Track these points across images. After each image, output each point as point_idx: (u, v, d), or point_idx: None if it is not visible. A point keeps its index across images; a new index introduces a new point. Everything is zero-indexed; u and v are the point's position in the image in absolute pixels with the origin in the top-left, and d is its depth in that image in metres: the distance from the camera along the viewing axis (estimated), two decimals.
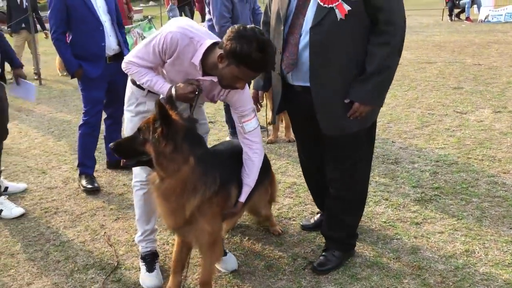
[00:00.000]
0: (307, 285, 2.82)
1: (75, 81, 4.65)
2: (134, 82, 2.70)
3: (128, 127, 2.79)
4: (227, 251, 3.07)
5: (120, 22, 4.42)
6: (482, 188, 3.87)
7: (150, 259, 2.93)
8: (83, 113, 4.41)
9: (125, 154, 2.36)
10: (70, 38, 4.18)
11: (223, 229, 2.73)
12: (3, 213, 3.87)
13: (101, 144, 4.88)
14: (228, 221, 2.86)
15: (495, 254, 2.99)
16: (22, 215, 3.90)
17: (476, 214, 3.48)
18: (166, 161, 2.25)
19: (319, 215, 3.44)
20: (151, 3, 35.91)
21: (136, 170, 2.80)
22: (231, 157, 2.75)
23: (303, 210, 3.71)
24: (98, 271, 3.08)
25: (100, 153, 5.32)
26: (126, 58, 2.56)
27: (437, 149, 4.79)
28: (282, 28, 2.62)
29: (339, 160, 2.82)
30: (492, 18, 16.72)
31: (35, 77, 9.82)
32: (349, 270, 2.93)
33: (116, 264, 3.13)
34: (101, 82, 4.25)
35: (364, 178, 2.97)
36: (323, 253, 3.01)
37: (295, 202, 3.87)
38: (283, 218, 3.61)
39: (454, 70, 8.33)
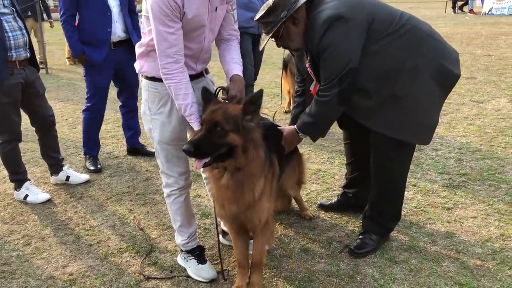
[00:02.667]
0: (346, 268, 2.81)
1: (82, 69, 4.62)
2: (151, 78, 2.50)
3: (165, 130, 2.53)
4: None
5: (132, 8, 4.39)
6: (509, 174, 3.87)
7: (199, 252, 2.85)
8: (86, 98, 4.45)
9: (206, 152, 2.18)
10: (78, 22, 4.16)
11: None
12: (28, 198, 3.84)
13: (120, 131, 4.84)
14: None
15: None
16: (47, 201, 3.86)
17: (506, 199, 3.48)
18: (252, 146, 2.23)
19: (337, 198, 3.47)
20: None
21: (171, 179, 2.68)
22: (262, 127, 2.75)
23: (331, 196, 3.69)
24: (133, 254, 3.06)
25: (118, 140, 5.29)
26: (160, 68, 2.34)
27: (458, 137, 4.78)
28: None
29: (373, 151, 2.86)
30: (496, 11, 16.74)
31: (41, 66, 9.72)
32: (387, 254, 2.93)
33: (150, 248, 3.11)
34: (105, 69, 4.25)
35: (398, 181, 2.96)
36: (360, 236, 3.01)
37: (322, 188, 3.86)
38: (312, 203, 3.60)
39: (465, 61, 8.32)
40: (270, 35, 2.61)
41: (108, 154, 4.90)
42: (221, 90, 2.41)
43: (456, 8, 17.01)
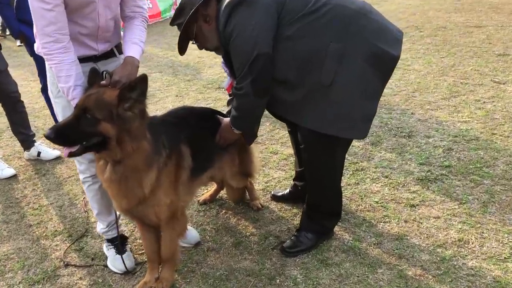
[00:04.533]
0: (270, 268, 2.58)
1: None
2: None
3: (67, 115, 2.26)
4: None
5: None
6: (499, 169, 3.41)
7: (119, 242, 2.72)
8: (38, 77, 4.38)
9: (70, 141, 2.00)
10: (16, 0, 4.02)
11: (183, 200, 2.49)
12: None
13: None
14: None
15: (491, 246, 2.61)
16: (13, 176, 3.89)
17: (483, 198, 3.06)
18: (129, 138, 2.02)
19: (289, 189, 3.20)
20: None
21: (82, 166, 2.56)
22: (173, 117, 2.54)
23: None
24: (65, 238, 2.99)
25: None
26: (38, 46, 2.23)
27: (459, 123, 4.29)
28: None
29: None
30: None
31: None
32: (321, 254, 2.66)
33: (84, 232, 3.03)
34: None
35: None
36: (295, 233, 2.75)
37: (286, 175, 3.59)
38: (268, 192, 3.36)
39: (505, 35, 7.49)
40: (185, 37, 2.40)
41: None
42: (106, 74, 2.20)
43: None
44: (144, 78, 2.02)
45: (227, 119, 2.62)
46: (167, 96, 5.79)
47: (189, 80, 6.36)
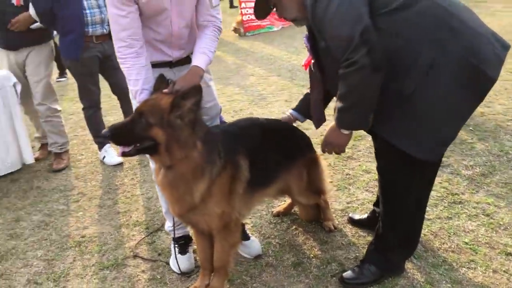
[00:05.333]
0: None
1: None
2: None
3: None
4: (250, 235, 2.84)
5: None
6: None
7: (184, 242, 2.79)
8: None
9: (124, 141, 2.10)
10: None
11: (238, 212, 2.46)
12: (105, 159, 4.28)
13: None
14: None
15: None
16: (119, 164, 4.24)
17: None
18: (177, 146, 2.06)
19: (368, 213, 2.95)
20: None
21: (153, 165, 2.54)
22: (236, 128, 2.50)
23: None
24: (142, 230, 3.17)
25: None
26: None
27: None
28: None
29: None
30: None
31: None
32: None
33: (160, 226, 3.17)
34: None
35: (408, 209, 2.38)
36: (358, 264, 2.54)
37: (372, 198, 3.33)
38: (347, 213, 3.15)
39: None
40: (263, 2, 2.26)
41: None
42: (170, 81, 2.24)
43: None
44: (197, 89, 2.02)
45: (330, 125, 2.33)
46: (277, 100, 5.80)
47: (303, 85, 6.29)
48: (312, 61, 2.36)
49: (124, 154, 2.11)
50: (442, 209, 3.10)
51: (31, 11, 3.84)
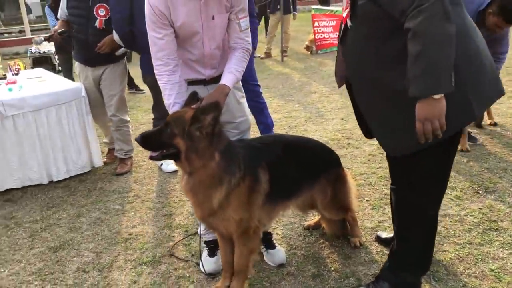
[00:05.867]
0: None
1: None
2: None
3: None
4: (276, 244, 3.00)
5: (251, 12, 4.55)
6: None
7: (214, 245, 3.01)
8: None
9: (152, 147, 2.39)
10: None
11: (258, 220, 2.63)
12: (162, 166, 4.65)
13: None
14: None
15: None
16: (174, 171, 4.59)
17: None
18: (195, 156, 2.30)
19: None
20: None
21: None
22: (258, 143, 2.67)
23: None
24: (182, 232, 3.44)
25: None
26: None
27: None
28: None
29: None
30: None
31: (284, 54, 10.72)
32: None
33: (197, 230, 3.42)
34: None
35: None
36: (372, 280, 2.60)
37: None
38: (376, 231, 3.20)
39: None
40: None
41: None
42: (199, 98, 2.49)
43: None
44: (215, 105, 2.25)
45: (419, 101, 1.95)
46: (333, 118, 5.90)
47: None
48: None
49: (151, 158, 2.39)
50: (475, 235, 3.05)
51: (115, 36, 4.30)
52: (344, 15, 2.29)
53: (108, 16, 4.32)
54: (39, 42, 5.90)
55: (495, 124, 5.09)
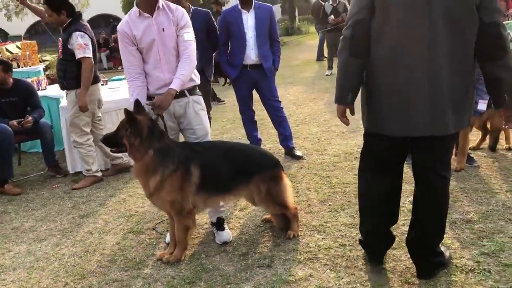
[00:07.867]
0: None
1: None
2: None
3: None
4: (226, 228, 3.75)
5: (274, 37, 5.37)
6: None
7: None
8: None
9: (111, 145, 3.34)
10: (229, 49, 5.48)
11: (192, 204, 3.37)
12: None
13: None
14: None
15: None
16: None
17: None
18: (134, 151, 3.23)
19: None
20: None
21: None
22: (199, 147, 3.44)
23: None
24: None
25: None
26: None
27: None
28: None
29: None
30: None
31: None
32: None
33: None
34: (241, 83, 5.43)
35: None
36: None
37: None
38: (316, 229, 3.72)
39: None
40: None
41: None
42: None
43: None
44: (130, 115, 3.16)
45: None
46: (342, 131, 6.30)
47: None
48: None
49: (112, 152, 3.42)
50: None
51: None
52: None
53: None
54: None
55: (509, 149, 5.06)
